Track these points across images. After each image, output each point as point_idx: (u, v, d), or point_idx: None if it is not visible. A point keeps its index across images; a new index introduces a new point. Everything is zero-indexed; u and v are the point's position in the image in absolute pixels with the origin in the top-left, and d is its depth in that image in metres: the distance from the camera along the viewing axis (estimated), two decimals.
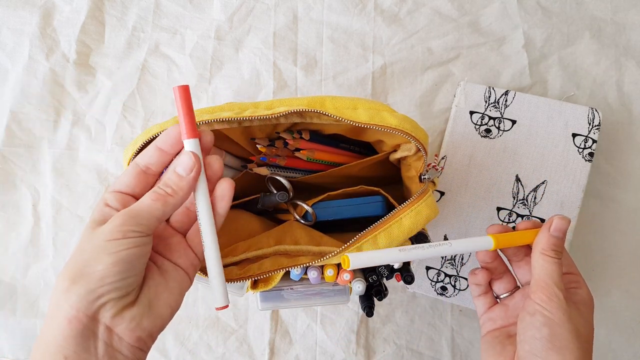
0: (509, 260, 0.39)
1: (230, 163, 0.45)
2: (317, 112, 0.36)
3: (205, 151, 0.34)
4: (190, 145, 0.32)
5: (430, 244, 0.33)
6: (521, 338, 0.33)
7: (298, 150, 0.43)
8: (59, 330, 0.27)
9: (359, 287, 0.41)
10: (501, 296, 0.39)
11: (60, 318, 0.27)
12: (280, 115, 0.36)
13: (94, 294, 0.27)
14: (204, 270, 0.35)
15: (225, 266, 0.37)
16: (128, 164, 0.35)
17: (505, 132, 0.57)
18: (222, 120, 0.36)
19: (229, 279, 0.36)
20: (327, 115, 0.36)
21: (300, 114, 0.37)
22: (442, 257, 0.57)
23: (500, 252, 0.39)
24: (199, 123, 0.36)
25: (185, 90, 0.31)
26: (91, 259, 0.28)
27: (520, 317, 0.34)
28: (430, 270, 0.58)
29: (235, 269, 0.37)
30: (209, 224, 0.32)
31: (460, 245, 0.34)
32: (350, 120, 0.36)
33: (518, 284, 0.40)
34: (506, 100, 0.57)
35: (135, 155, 0.35)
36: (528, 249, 0.37)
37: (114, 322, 0.28)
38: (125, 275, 0.28)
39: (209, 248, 0.33)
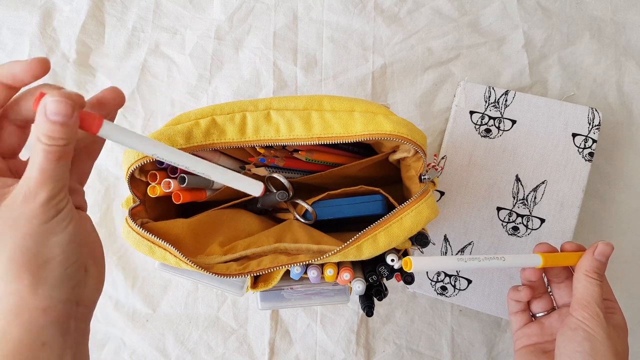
0: (549, 281, 0.41)
1: (227, 164, 0.45)
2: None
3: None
4: None
5: (485, 256, 0.36)
6: (561, 351, 0.35)
7: (296, 151, 0.43)
8: (34, 320, 0.25)
9: (358, 287, 0.41)
10: (537, 315, 0.41)
11: (31, 309, 0.25)
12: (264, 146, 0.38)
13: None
14: (203, 266, 0.35)
15: (224, 262, 0.37)
16: (126, 176, 0.36)
17: (505, 132, 0.57)
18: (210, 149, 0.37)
19: (228, 274, 0.36)
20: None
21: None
22: (443, 254, 0.57)
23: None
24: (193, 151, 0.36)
25: None
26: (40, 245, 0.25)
27: (561, 332, 0.36)
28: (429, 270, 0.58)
29: (235, 265, 0.37)
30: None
31: (511, 261, 0.37)
32: (342, 139, 0.36)
33: (555, 304, 0.42)
34: (506, 100, 0.57)
35: (131, 175, 0.36)
36: (569, 272, 0.39)
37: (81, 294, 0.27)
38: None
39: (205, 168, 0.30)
